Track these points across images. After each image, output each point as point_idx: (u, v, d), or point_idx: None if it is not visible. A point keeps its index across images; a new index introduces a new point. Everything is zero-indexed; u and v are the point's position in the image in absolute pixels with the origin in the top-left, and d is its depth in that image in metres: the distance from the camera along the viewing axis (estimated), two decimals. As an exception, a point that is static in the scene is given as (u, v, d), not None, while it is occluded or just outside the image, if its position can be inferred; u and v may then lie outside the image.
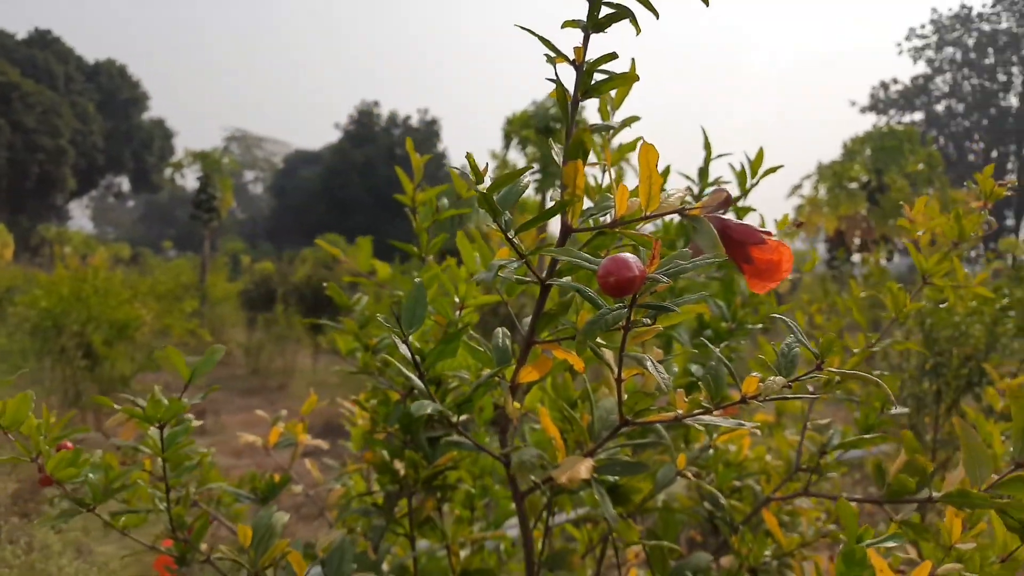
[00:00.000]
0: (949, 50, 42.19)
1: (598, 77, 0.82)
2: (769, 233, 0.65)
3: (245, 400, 12.99)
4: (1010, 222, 40.52)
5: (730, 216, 0.67)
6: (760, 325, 1.32)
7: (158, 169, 46.11)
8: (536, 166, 8.33)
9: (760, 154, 1.51)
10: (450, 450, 1.02)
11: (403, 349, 0.73)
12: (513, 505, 1.10)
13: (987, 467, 0.85)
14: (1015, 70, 40.69)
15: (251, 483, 1.13)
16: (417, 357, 0.76)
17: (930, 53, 42.36)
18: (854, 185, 11.89)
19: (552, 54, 0.74)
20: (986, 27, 41.11)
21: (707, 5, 0.84)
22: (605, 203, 0.75)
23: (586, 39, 0.76)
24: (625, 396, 0.73)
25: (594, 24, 0.75)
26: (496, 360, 0.77)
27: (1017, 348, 4.03)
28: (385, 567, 1.09)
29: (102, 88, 45.82)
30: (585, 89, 0.76)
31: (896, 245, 12.13)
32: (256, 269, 19.58)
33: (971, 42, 40.98)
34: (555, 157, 0.78)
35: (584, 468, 0.74)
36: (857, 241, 11.78)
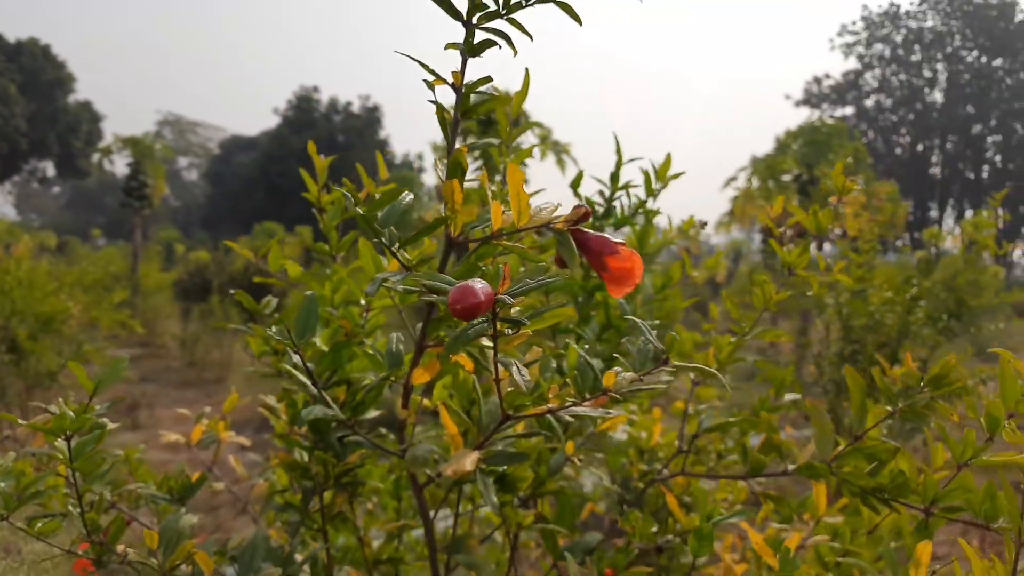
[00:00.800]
0: (879, 46, 43.73)
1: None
2: (622, 244, 0.73)
3: (180, 393, 12.70)
4: (933, 213, 42.41)
5: (599, 229, 0.75)
6: (657, 321, 1.41)
7: (85, 154, 44.26)
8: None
9: (667, 160, 1.60)
10: (359, 448, 1.08)
11: (295, 359, 0.78)
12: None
13: (831, 444, 0.96)
14: (939, 67, 42.47)
15: (167, 484, 1.17)
16: (310, 364, 0.82)
17: (860, 49, 43.85)
18: (786, 178, 12.29)
19: (430, 78, 0.80)
20: (913, 24, 42.78)
21: (580, 24, 0.92)
22: (487, 216, 0.82)
23: (464, 63, 0.82)
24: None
25: (471, 49, 0.82)
26: (388, 364, 0.83)
27: (927, 335, 4.30)
28: (299, 558, 1.14)
29: (24, 68, 43.66)
30: (464, 110, 0.82)
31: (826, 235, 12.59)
32: (191, 258, 19.06)
33: (899, 39, 42.59)
34: (438, 175, 0.85)
35: (470, 461, 0.81)
36: (788, 232, 12.17)
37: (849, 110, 43.73)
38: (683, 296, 1.60)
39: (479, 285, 0.61)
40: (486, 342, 0.83)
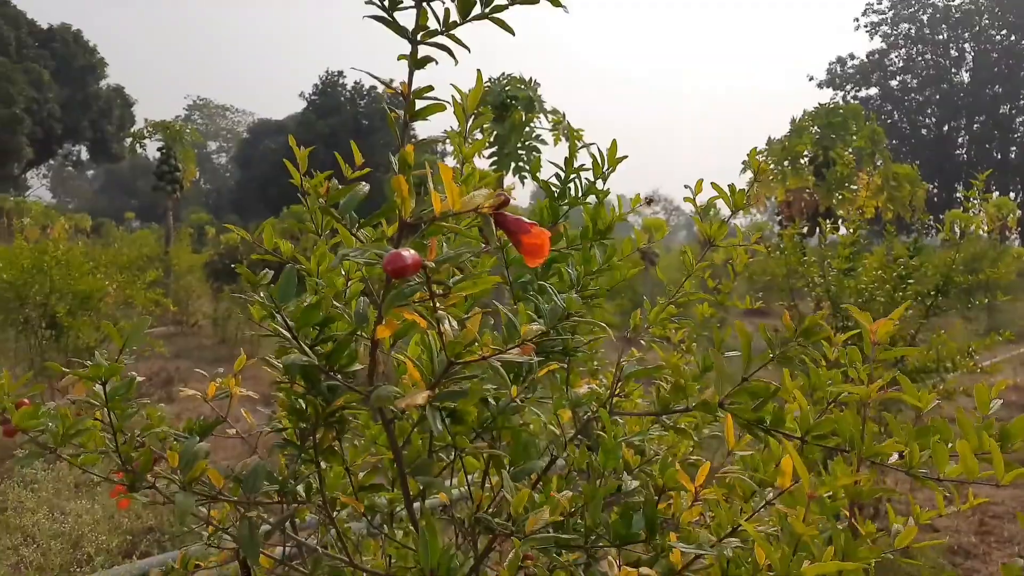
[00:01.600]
0: (904, 26, 42.90)
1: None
2: (534, 224, 0.97)
3: (213, 369, 13.17)
4: (958, 195, 41.71)
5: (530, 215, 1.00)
6: (600, 288, 1.63)
7: (118, 138, 45.18)
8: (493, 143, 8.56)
9: (614, 145, 1.82)
10: (345, 393, 1.34)
11: (278, 319, 1.04)
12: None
13: (727, 384, 1.20)
14: (967, 46, 41.57)
15: (188, 426, 1.44)
16: (291, 322, 1.08)
17: (886, 28, 43.07)
18: (802, 160, 12.33)
19: (383, 86, 1.04)
20: (939, 2, 41.89)
21: (567, 12, 1.16)
22: (429, 205, 1.06)
23: (411, 74, 1.07)
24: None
25: (415, 63, 1.06)
26: (356, 321, 1.09)
27: (913, 314, 4.46)
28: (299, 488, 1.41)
29: (56, 54, 44.60)
30: (411, 114, 1.07)
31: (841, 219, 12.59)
32: (223, 240, 19.59)
33: (925, 17, 41.76)
34: (393, 166, 1.09)
35: (421, 397, 1.06)
36: (804, 214, 12.24)
37: (874, 91, 43.06)
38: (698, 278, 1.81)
39: (407, 252, 0.85)
40: (433, 305, 1.08)
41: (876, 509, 4.30)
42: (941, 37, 41.22)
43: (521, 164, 8.26)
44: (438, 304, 1.02)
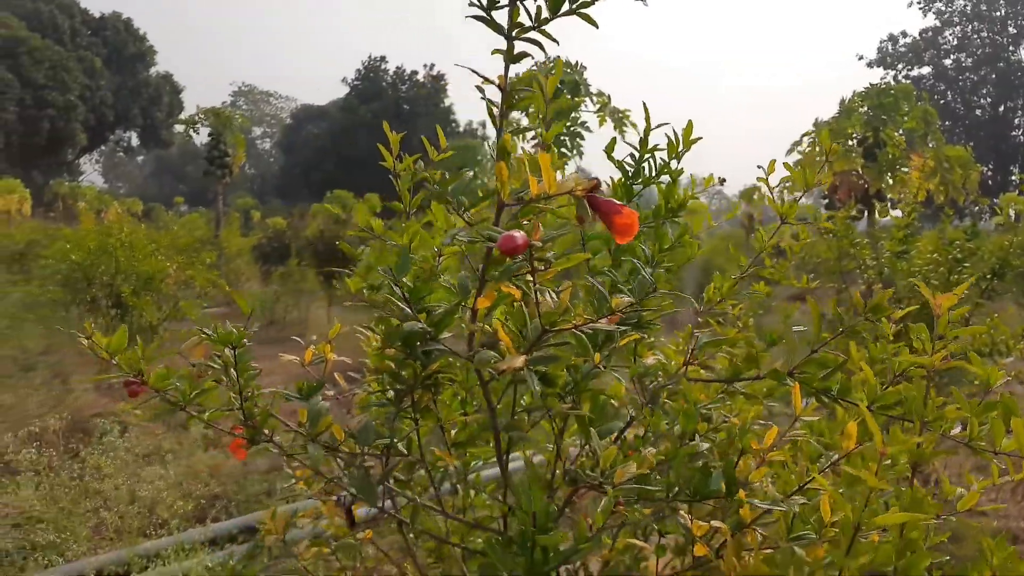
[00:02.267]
0: (960, 2, 41.47)
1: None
2: (624, 206, 1.08)
3: (264, 350, 13.52)
4: (1014, 178, 40.38)
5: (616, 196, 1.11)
6: (671, 264, 1.73)
7: (167, 125, 46.29)
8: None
9: (689, 126, 1.91)
10: (440, 359, 1.47)
11: (396, 291, 1.17)
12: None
13: (796, 356, 1.30)
14: (1028, 20, 40.07)
15: (296, 387, 1.58)
16: (406, 293, 1.20)
17: (940, 5, 41.68)
18: (851, 142, 12.13)
19: (482, 82, 1.16)
20: (999, -24, 40.45)
21: (646, 4, 1.26)
22: (526, 187, 1.18)
23: (506, 68, 1.18)
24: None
25: (511, 58, 1.17)
26: (460, 293, 1.21)
27: (969, 295, 4.45)
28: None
29: (108, 42, 45.78)
30: (508, 104, 1.18)
31: (893, 201, 12.37)
32: (269, 224, 20.06)
33: (983, -7, 40.42)
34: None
35: (519, 361, 1.19)
36: (852, 197, 12.06)
37: (926, 70, 41.76)
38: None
39: (518, 233, 0.97)
40: (531, 279, 1.20)
41: (927, 479, 4.32)
42: (999, 14, 39.71)
43: (564, 149, 8.33)
44: (537, 278, 1.13)
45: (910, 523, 1.07)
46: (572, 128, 8.27)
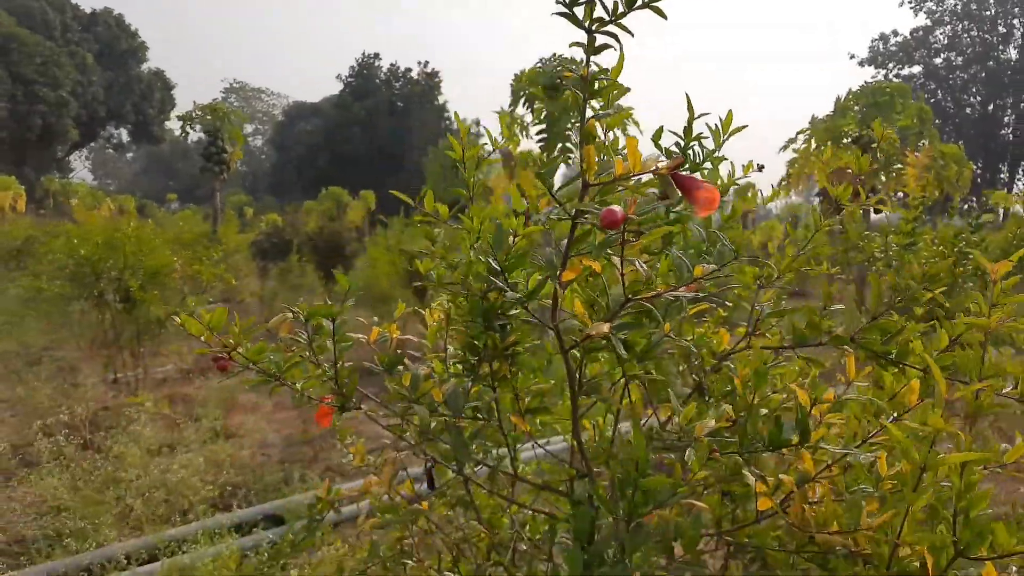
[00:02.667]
0: (950, 1, 41.87)
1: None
2: (706, 182, 1.19)
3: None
4: (1003, 175, 40.87)
5: (690, 172, 1.22)
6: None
7: (159, 121, 46.08)
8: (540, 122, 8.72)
9: (729, 115, 2.02)
10: (515, 332, 1.58)
11: (494, 265, 1.28)
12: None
13: (857, 323, 1.41)
14: (1016, 22, 40.43)
15: (381, 359, 1.68)
16: (500, 267, 1.31)
17: (931, 4, 42.07)
18: (845, 140, 12.30)
19: (570, 72, 1.26)
20: (990, -24, 40.88)
21: (664, 18, 1.36)
22: (609, 167, 1.28)
23: (587, 59, 1.28)
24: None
25: (591, 50, 1.27)
26: (547, 268, 1.32)
27: (973, 285, 4.60)
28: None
29: (100, 38, 45.53)
30: (590, 92, 1.28)
31: (890, 197, 12.52)
32: (266, 220, 20.10)
33: (973, -8, 40.85)
34: (572, 140, 1.31)
35: (605, 327, 1.29)
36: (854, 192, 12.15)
37: (916, 69, 42.15)
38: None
39: (617, 208, 1.08)
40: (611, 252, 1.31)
41: (975, 439, 4.47)
42: (988, 13, 40.13)
43: (568, 145, 8.43)
44: (626, 250, 1.24)
45: (969, 467, 1.18)
46: (576, 124, 8.37)
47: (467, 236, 1.75)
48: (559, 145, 9.24)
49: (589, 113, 1.80)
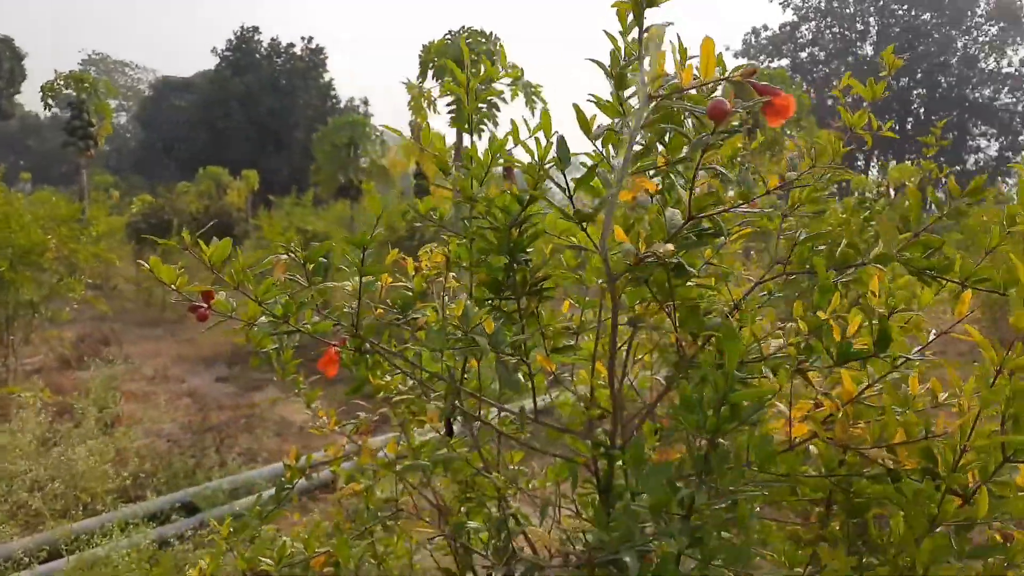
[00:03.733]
0: (814, -1, 44.89)
1: None
2: (780, 90, 1.16)
3: (144, 331, 12.77)
4: (860, 163, 44.37)
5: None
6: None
7: (7, 94, 41.90)
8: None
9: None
10: (543, 268, 1.50)
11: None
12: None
13: (896, 242, 1.42)
14: (871, 20, 43.83)
15: (393, 302, 1.56)
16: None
17: (797, 1, 44.85)
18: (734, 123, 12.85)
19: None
20: (848, -24, 44.01)
21: None
22: (672, 79, 1.22)
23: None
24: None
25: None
26: (606, 186, 1.25)
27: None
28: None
29: (-68, -1, 40.67)
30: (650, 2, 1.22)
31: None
32: (138, 201, 18.70)
33: (835, -9, 43.84)
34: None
35: (668, 248, 1.24)
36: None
37: (785, 62, 44.88)
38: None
39: (727, 100, 1.02)
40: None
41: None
42: (848, 11, 43.23)
43: (480, 119, 8.36)
44: (705, 160, 1.19)
45: (1017, 376, 1.21)
46: (488, 97, 8.28)
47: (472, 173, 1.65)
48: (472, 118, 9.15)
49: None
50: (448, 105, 8.58)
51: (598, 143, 1.38)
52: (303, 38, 41.89)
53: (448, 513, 2.03)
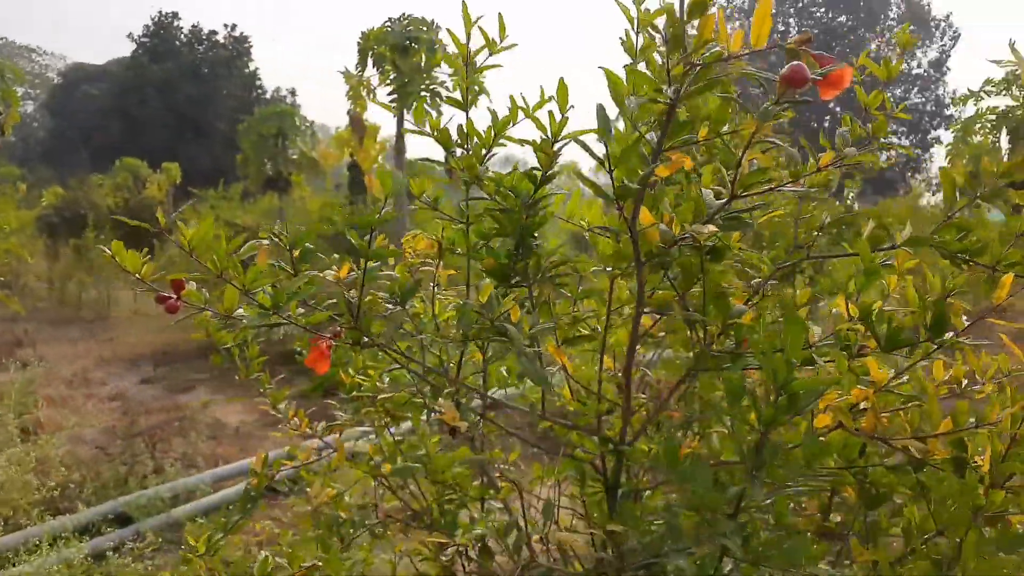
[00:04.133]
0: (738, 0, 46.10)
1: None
2: (834, 58, 1.08)
3: (59, 331, 12.03)
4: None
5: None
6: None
7: None
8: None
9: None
10: (559, 251, 1.40)
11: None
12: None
13: (928, 226, 1.37)
14: (791, 20, 45.40)
15: (389, 291, 1.42)
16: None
17: (722, 1, 46.06)
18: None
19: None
20: (768, -24, 45.15)
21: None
22: (714, 46, 1.13)
23: None
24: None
25: None
26: (646, 164, 1.15)
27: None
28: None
29: None
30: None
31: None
32: (48, 194, 17.62)
33: (756, -9, 44.99)
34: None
35: (709, 229, 1.16)
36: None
37: (712, 61, 45.93)
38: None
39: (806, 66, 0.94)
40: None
41: None
42: (771, 12, 44.60)
43: (427, 106, 8.18)
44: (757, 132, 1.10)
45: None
46: (431, 86, 8.14)
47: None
48: (414, 105, 8.92)
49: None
50: (389, 94, 8.34)
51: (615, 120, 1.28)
52: (226, 25, 40.38)
53: (429, 516, 1.91)
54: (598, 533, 1.31)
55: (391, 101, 8.32)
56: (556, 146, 1.44)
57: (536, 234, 1.45)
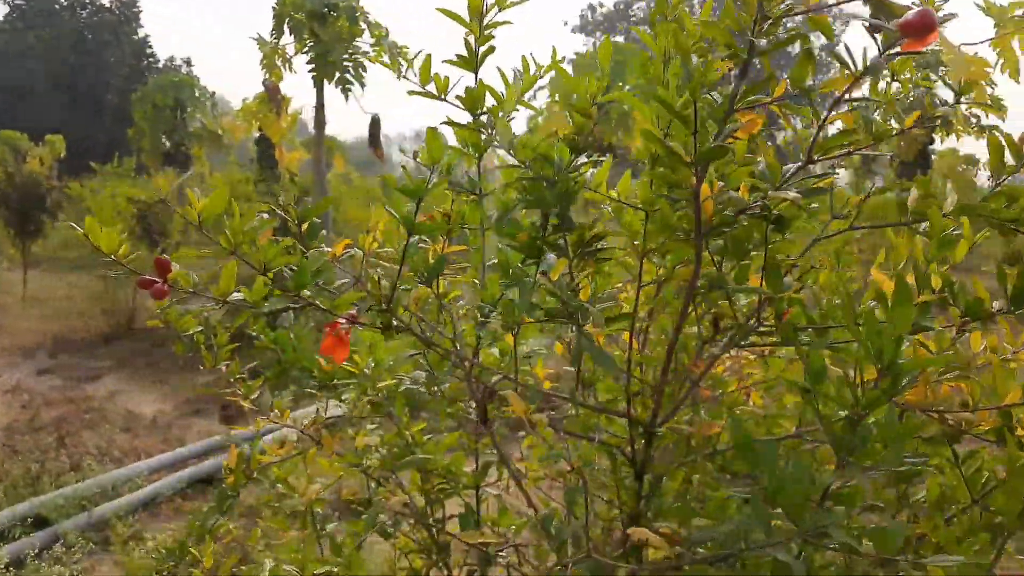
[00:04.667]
0: (634, -23, 46.87)
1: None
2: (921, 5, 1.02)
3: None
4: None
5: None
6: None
7: None
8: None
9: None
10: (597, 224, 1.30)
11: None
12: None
13: (976, 194, 1.34)
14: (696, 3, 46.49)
15: (414, 267, 1.29)
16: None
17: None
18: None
19: None
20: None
21: None
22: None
23: None
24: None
25: None
26: (710, 132, 1.06)
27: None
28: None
29: None
30: None
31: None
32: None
33: (666, -30, 45.67)
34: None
35: (793, 194, 1.08)
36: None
37: (620, 38, 46.55)
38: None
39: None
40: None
41: None
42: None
43: (347, 76, 7.86)
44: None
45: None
46: (354, 56, 7.83)
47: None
48: (336, 75, 8.51)
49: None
50: (308, 63, 7.94)
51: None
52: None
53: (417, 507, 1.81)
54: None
55: (309, 71, 7.94)
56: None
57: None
